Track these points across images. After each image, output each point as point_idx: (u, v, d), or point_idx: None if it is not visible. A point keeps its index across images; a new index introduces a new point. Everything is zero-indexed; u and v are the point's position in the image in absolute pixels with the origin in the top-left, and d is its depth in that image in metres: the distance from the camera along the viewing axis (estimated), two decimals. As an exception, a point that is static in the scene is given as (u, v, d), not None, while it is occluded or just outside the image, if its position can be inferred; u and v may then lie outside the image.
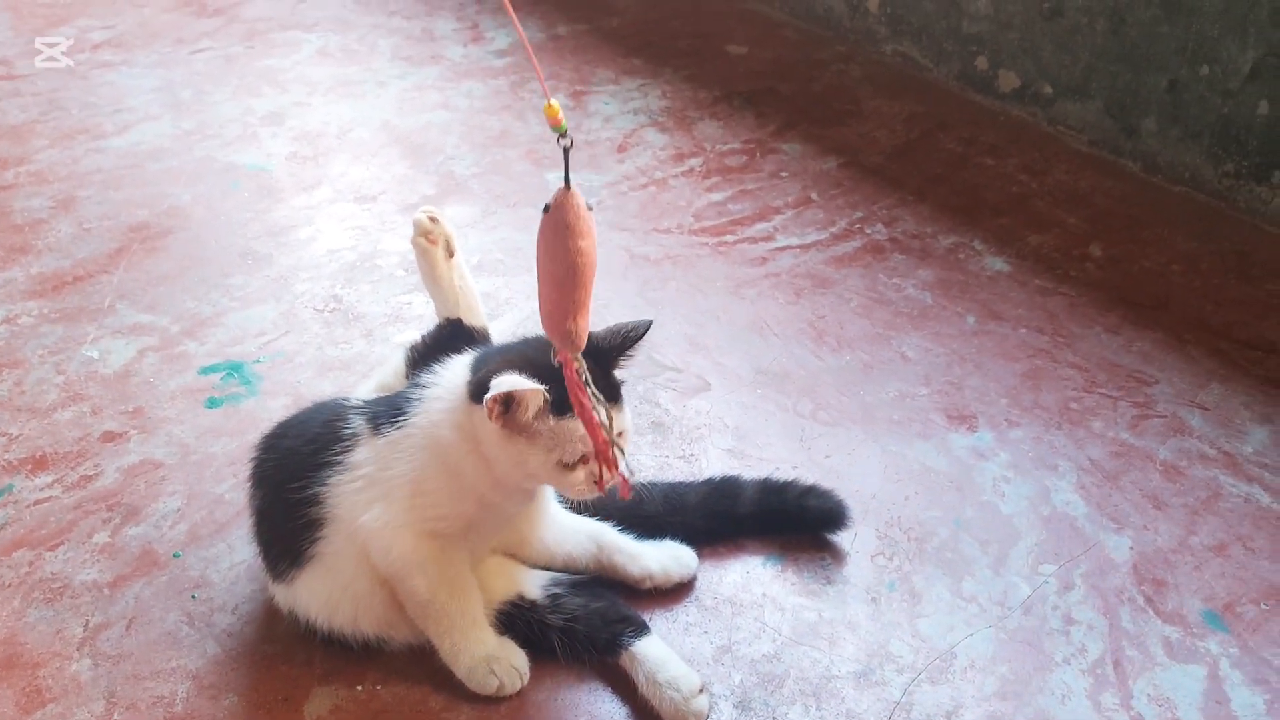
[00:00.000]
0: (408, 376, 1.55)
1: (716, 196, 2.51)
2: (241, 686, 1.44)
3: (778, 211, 2.46)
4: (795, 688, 1.45)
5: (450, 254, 1.60)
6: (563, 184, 1.14)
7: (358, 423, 1.39)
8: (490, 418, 1.24)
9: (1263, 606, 1.58)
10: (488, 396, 1.22)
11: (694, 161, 2.64)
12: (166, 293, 2.15)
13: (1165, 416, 1.91)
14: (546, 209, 1.15)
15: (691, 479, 1.73)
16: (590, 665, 1.47)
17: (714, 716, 1.41)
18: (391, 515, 1.34)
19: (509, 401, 1.23)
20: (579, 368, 1.21)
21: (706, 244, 2.34)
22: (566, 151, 1.14)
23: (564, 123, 1.15)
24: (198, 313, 2.10)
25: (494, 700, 1.42)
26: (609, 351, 1.33)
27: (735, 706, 1.43)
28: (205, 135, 2.72)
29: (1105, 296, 2.19)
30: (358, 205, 2.46)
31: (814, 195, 2.51)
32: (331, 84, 2.98)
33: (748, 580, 1.61)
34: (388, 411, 1.39)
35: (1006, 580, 1.61)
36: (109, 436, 1.83)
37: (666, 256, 2.30)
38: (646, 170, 2.60)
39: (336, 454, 1.37)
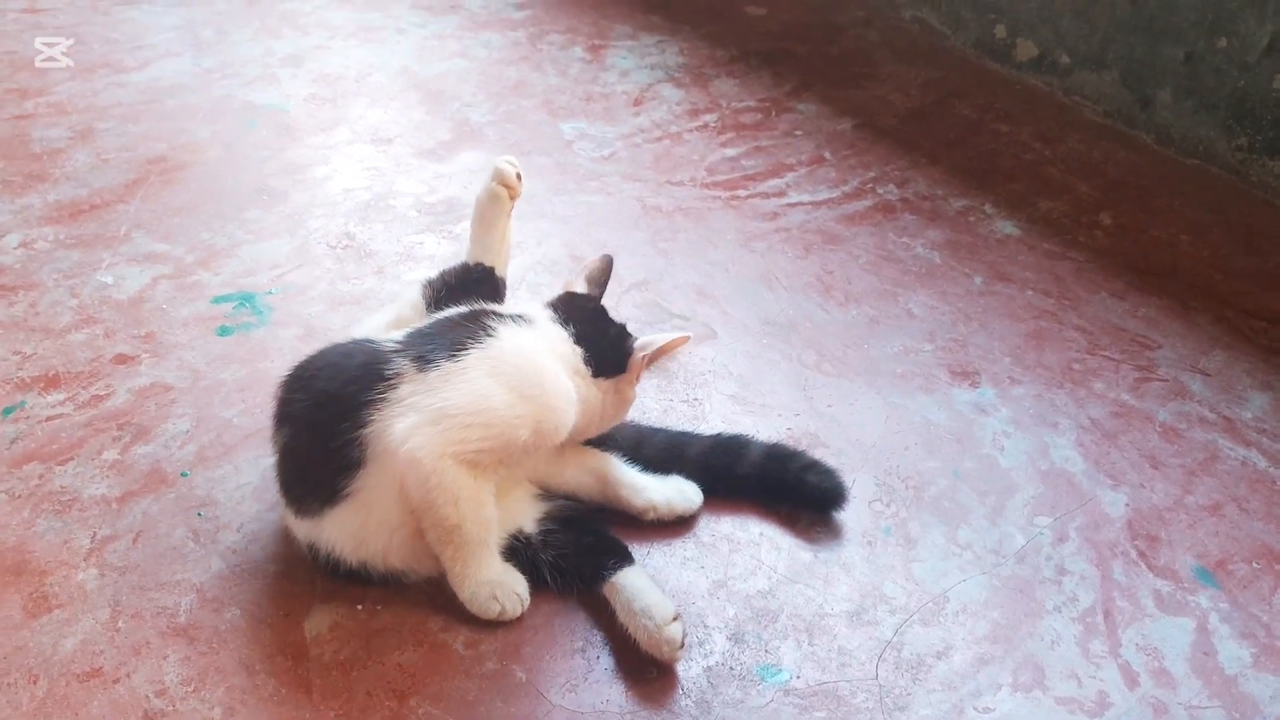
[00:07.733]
0: (428, 310, 1.57)
1: (730, 152, 2.51)
2: (244, 601, 1.47)
3: (790, 169, 2.46)
4: (788, 623, 1.48)
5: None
6: None
7: (400, 363, 1.39)
8: (643, 370, 1.55)
9: (1254, 565, 1.60)
10: (643, 355, 1.53)
11: (709, 117, 2.64)
12: (181, 224, 2.17)
13: (1167, 380, 1.92)
14: None
15: (694, 425, 1.75)
16: (580, 596, 1.49)
17: (708, 647, 1.44)
18: (437, 443, 1.34)
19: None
20: None
21: (718, 197, 2.35)
22: None
23: None
24: (212, 244, 2.12)
25: (492, 624, 1.45)
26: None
27: (729, 639, 1.45)
28: (225, 74, 2.73)
29: (1113, 263, 2.20)
30: (374, 147, 2.47)
31: (827, 154, 2.52)
32: (352, 29, 2.99)
33: (745, 520, 1.63)
34: (440, 346, 1.40)
35: (1002, 530, 1.63)
36: (121, 359, 1.85)
37: (678, 208, 2.31)
38: (661, 124, 2.61)
39: (380, 393, 1.37)
